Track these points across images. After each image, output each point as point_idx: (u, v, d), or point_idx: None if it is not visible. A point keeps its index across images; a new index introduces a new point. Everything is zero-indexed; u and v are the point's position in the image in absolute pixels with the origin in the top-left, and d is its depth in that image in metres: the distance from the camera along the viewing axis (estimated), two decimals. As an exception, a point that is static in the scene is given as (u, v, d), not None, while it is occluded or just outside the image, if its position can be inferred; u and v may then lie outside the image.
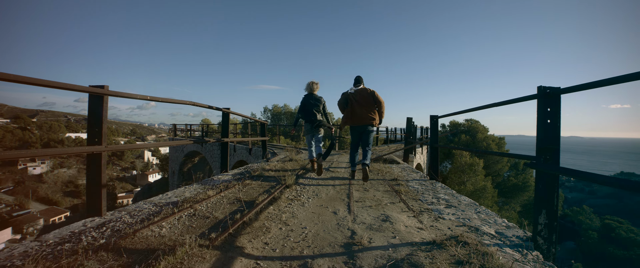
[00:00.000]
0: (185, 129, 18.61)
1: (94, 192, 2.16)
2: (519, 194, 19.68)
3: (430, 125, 4.60)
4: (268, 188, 3.28)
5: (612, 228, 36.66)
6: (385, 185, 3.64)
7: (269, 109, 23.80)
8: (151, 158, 76.01)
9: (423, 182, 4.02)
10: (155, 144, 2.82)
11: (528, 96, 2.01)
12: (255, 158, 10.79)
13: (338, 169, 4.91)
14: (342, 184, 3.64)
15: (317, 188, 3.36)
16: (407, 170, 5.10)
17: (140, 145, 2.70)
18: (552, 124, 1.85)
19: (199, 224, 2.00)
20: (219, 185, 3.33)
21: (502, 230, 2.10)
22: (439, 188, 3.59)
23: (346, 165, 5.45)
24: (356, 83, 3.96)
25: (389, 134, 17.60)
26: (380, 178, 4.11)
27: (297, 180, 3.78)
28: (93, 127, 2.18)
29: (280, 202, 2.66)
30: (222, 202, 2.57)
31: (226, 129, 4.63)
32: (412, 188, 3.49)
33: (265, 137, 6.83)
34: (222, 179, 3.84)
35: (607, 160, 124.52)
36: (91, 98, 2.19)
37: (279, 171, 4.51)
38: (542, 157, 1.86)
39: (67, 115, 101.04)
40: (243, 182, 3.48)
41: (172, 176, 20.22)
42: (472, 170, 16.97)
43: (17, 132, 62.70)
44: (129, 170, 70.81)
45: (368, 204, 2.69)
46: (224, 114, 4.59)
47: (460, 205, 2.75)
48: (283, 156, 6.86)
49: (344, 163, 5.75)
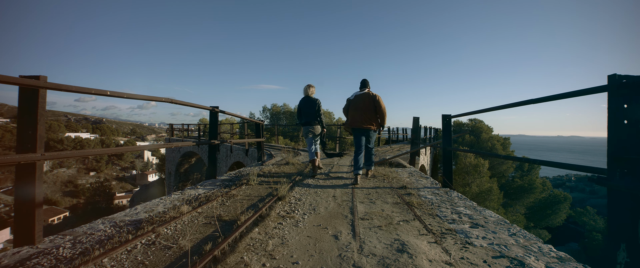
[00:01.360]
0: (182, 129, 18.14)
1: (24, 213, 1.68)
2: (525, 196, 19.12)
3: (443, 125, 4.11)
4: (256, 200, 2.78)
5: (617, 229, 36.05)
6: (393, 195, 3.15)
7: (268, 108, 23.28)
8: (151, 158, 75.68)
9: (436, 190, 3.53)
10: (118, 150, 2.33)
11: (594, 88, 1.51)
12: (253, 160, 10.30)
13: (339, 174, 4.42)
14: (344, 194, 3.15)
15: (315, 200, 2.87)
16: (416, 176, 4.61)
17: (98, 151, 2.21)
18: (632, 125, 1.36)
19: (155, 260, 1.51)
20: (199, 197, 2.84)
21: (554, 264, 1.60)
22: (456, 199, 3.09)
23: (348, 170, 4.96)
24: (362, 87, 4.06)
25: (391, 134, 17.10)
26: (387, 186, 3.62)
27: (293, 189, 3.30)
28: (25, 129, 1.70)
29: (268, 220, 2.17)
30: (195, 223, 2.08)
31: (214, 130, 4.14)
32: (425, 200, 3.00)
33: (260, 138, 6.34)
34: (206, 187, 3.35)
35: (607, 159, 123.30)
36: (22, 92, 1.70)
37: (273, 177, 4.02)
38: (619, 169, 1.37)
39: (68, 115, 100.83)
40: (228, 193, 2.99)
41: (169, 177, 19.74)
42: (477, 171, 16.44)
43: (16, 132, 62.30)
44: (128, 170, 70.48)
45: (376, 223, 2.20)
46: (211, 113, 4.10)
47: (488, 224, 2.25)
48: (280, 158, 6.38)
49: (346, 167, 5.25)
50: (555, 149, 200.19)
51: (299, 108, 4.42)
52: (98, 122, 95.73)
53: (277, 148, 9.44)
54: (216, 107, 4.11)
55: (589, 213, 42.09)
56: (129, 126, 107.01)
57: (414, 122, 6.41)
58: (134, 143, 73.54)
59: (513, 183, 19.76)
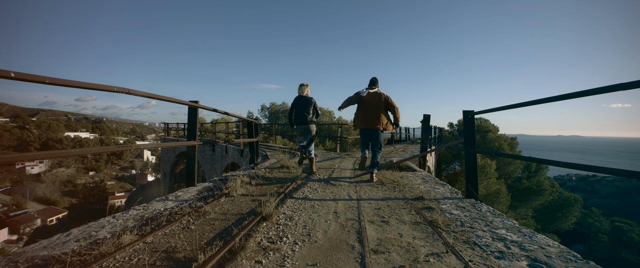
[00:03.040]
0: (178, 128, 17.53)
1: None
2: (532, 198, 18.38)
3: (464, 123, 3.45)
4: (233, 221, 2.14)
5: (624, 231, 35.35)
6: (410, 210, 2.50)
7: (266, 107, 22.63)
8: (150, 158, 75.25)
9: (459, 202, 2.88)
10: (59, 153, 1.69)
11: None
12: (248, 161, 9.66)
13: (341, 181, 3.78)
14: (349, 208, 2.51)
15: (312, 218, 2.23)
16: (430, 182, 3.96)
17: (28, 156, 1.55)
18: None
19: None
20: (161, 215, 2.19)
21: None
22: (490, 215, 2.45)
23: (350, 174, 4.32)
24: (371, 85, 3.85)
25: (393, 134, 16.45)
26: (400, 197, 2.97)
27: (284, 202, 2.65)
28: None
29: (241, 258, 1.53)
30: (132, 264, 1.44)
31: (193, 129, 3.49)
32: (451, 217, 2.35)
33: (253, 138, 5.70)
34: (178, 199, 2.71)
35: (608, 159, 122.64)
36: None
37: (262, 185, 3.38)
38: None
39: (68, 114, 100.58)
40: (200, 208, 2.34)
41: (164, 178, 19.12)
42: (484, 172, 15.74)
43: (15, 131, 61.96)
44: (128, 169, 70.05)
45: (397, 260, 1.56)
46: (190, 109, 3.46)
47: (552, 258, 1.61)
48: (274, 161, 5.73)
49: (348, 171, 4.60)
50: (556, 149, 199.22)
51: (293, 107, 4.31)
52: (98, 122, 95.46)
53: (274, 149, 8.81)
54: (196, 101, 3.46)
55: (594, 215, 41.31)
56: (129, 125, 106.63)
57: (424, 121, 5.75)
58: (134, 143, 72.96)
59: (520, 185, 19.05)
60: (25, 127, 66.45)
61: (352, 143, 15.04)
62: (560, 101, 2.34)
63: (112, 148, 1.86)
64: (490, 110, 3.15)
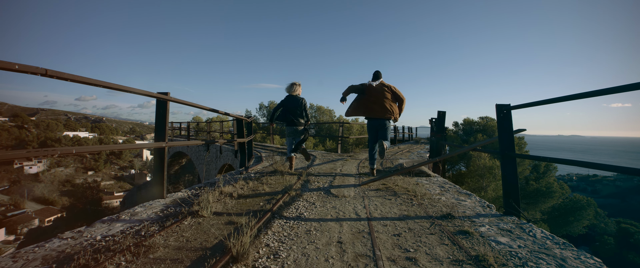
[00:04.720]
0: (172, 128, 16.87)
1: None
2: (541, 200, 17.63)
3: (499, 120, 2.79)
4: (188, 263, 1.46)
5: (630, 233, 34.56)
6: (441, 237, 1.83)
7: (265, 106, 21.96)
8: (149, 157, 74.71)
9: (499, 222, 2.21)
10: None
11: None
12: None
13: (344, 191, 3.09)
14: (358, 235, 1.83)
15: (306, 254, 1.55)
16: (451, 191, 3.29)
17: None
18: None
19: None
20: (84, 253, 1.52)
21: None
22: (552, 245, 1.78)
23: (355, 181, 3.64)
24: (375, 77, 3.80)
25: (396, 134, 15.77)
26: (423, 215, 2.29)
27: (269, 225, 1.97)
28: None
29: None
30: None
31: (162, 127, 2.81)
32: (499, 248, 1.68)
33: (244, 137, 5.03)
34: (130, 221, 2.04)
35: (608, 159, 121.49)
36: None
37: (246, 199, 2.70)
38: None
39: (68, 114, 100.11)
40: (148, 239, 1.65)
41: (159, 179, 18.44)
42: (492, 173, 15.04)
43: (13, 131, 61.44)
44: (127, 169, 69.49)
45: None
46: (158, 102, 2.78)
47: None
48: (267, 164, 5.05)
49: (351, 178, 3.91)
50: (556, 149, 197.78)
51: (281, 105, 4.11)
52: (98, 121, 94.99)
53: (271, 150, 8.13)
54: (165, 93, 2.79)
55: (600, 216, 40.51)
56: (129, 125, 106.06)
57: (439, 119, 5.05)
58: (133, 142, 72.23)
59: (528, 187, 18.30)
60: (23, 126, 65.93)
61: (353, 143, 14.34)
62: (560, 101, 1.89)
63: (96, 147, 1.19)
64: (527, 105, 2.48)
